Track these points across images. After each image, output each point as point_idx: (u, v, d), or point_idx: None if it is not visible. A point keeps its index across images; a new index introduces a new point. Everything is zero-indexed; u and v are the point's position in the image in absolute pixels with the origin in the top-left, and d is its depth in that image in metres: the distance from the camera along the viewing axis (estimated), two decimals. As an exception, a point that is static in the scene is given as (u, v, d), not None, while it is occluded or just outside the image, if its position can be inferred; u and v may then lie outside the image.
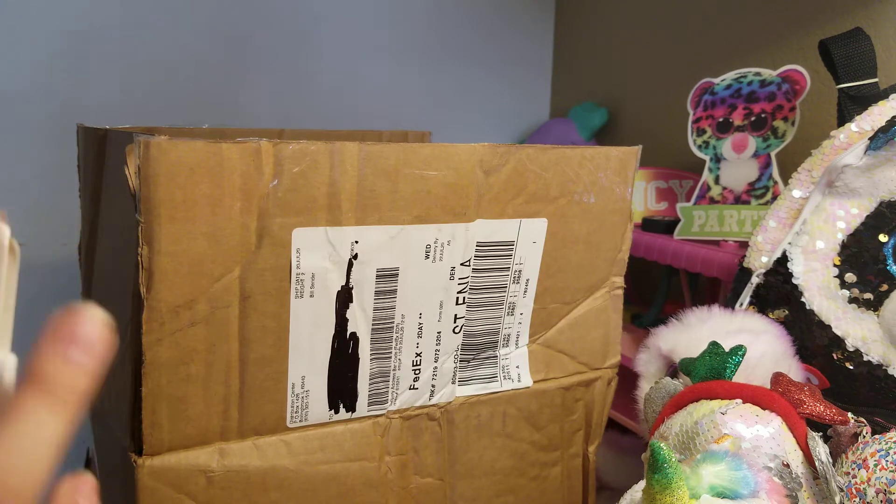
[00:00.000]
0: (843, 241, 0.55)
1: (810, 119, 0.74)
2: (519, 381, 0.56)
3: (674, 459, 0.35)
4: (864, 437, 0.44)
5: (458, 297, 0.51)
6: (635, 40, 1.04)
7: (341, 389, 0.48)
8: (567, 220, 0.54)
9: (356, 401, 0.49)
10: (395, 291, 0.48)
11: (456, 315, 0.51)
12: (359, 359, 0.48)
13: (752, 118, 0.75)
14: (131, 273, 0.41)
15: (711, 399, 0.44)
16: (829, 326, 0.53)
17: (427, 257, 0.48)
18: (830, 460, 0.39)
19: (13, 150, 0.85)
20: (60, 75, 0.86)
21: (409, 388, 0.51)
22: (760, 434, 0.40)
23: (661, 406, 0.48)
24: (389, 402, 0.51)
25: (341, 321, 0.47)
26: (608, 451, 0.76)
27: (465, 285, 0.51)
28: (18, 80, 0.84)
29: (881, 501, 0.39)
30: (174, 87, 0.92)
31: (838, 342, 0.52)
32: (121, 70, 0.88)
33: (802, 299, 0.55)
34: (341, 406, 0.49)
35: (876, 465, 0.41)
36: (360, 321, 0.47)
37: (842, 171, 0.54)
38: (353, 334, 0.47)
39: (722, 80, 0.79)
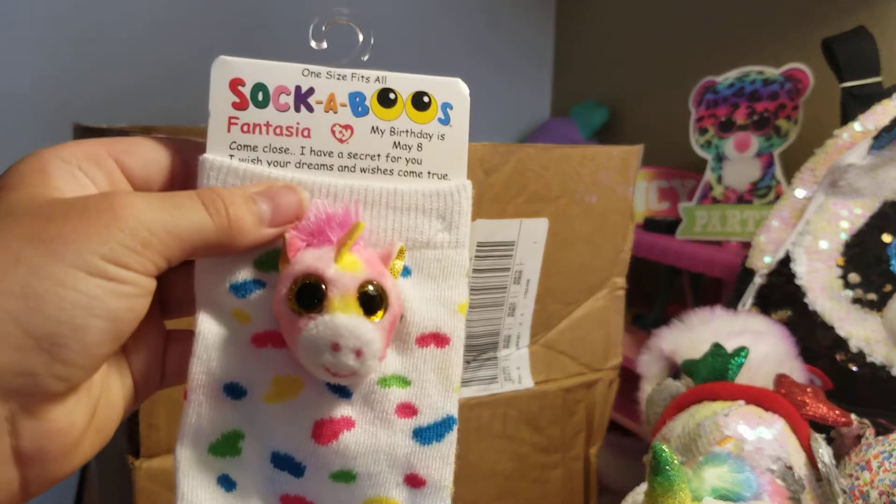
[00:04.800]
0: (846, 241, 0.54)
1: (813, 118, 0.74)
2: (519, 382, 0.56)
3: (676, 462, 0.34)
4: (868, 438, 0.43)
5: (458, 298, 0.50)
6: (636, 39, 1.04)
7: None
8: (568, 219, 0.54)
9: (355, 402, 0.49)
10: (394, 292, 0.47)
11: (456, 316, 0.51)
12: (358, 360, 0.48)
13: (755, 117, 0.75)
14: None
15: (714, 401, 0.43)
16: (832, 327, 0.52)
17: (427, 258, 0.48)
18: (834, 462, 0.39)
19: (12, 150, 0.84)
20: (60, 75, 0.85)
21: (409, 390, 0.51)
22: (763, 436, 0.40)
23: (662, 408, 0.47)
24: (389, 404, 0.50)
25: (340, 322, 0.46)
26: (609, 454, 0.75)
27: (465, 286, 0.50)
28: (17, 79, 0.84)
29: (884, 503, 0.39)
30: (173, 86, 0.92)
31: (841, 343, 0.52)
32: (120, 69, 0.88)
33: (806, 300, 0.54)
34: (340, 407, 0.48)
35: (879, 467, 0.40)
36: (359, 322, 0.47)
37: (845, 170, 0.54)
38: (353, 335, 0.47)
39: (724, 79, 0.78)
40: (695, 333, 0.52)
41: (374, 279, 0.24)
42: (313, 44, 0.27)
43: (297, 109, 0.26)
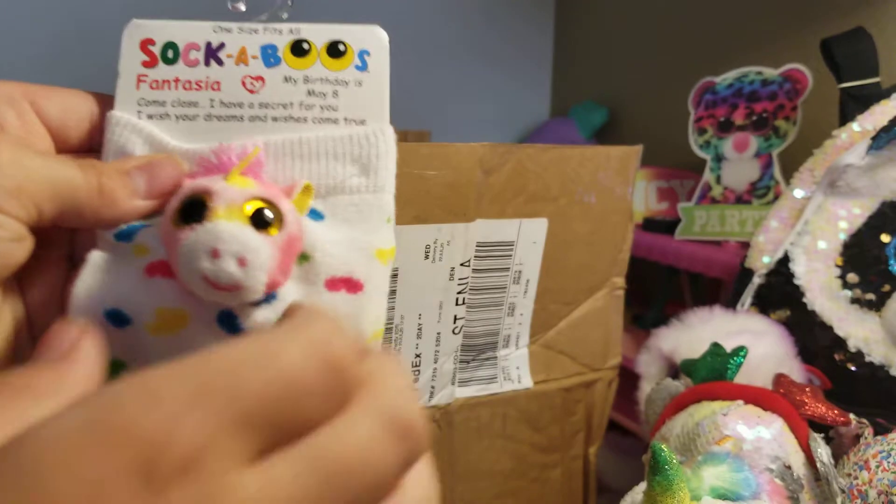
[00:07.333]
0: (845, 241, 0.54)
1: (812, 118, 0.74)
2: (519, 382, 0.56)
3: (675, 461, 0.35)
4: (866, 438, 0.44)
5: (457, 298, 0.51)
6: (636, 39, 1.04)
7: (340, 390, 0.48)
8: (567, 220, 0.54)
9: (355, 402, 0.49)
10: (394, 292, 0.48)
11: (455, 316, 0.51)
12: (358, 359, 0.48)
13: (754, 117, 0.75)
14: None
15: (713, 400, 0.43)
16: (830, 327, 0.52)
17: (427, 258, 0.48)
18: (832, 462, 0.39)
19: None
20: (60, 74, 0.85)
21: (409, 389, 0.51)
22: (762, 435, 0.40)
23: (661, 407, 0.47)
24: (389, 403, 0.50)
25: (340, 322, 0.46)
26: (609, 453, 0.75)
27: (464, 286, 0.50)
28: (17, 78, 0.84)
29: (883, 503, 0.39)
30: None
31: (840, 343, 0.52)
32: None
33: (804, 300, 0.54)
34: (340, 407, 0.48)
35: (878, 467, 0.40)
36: (359, 322, 0.47)
37: (844, 170, 0.54)
38: (352, 335, 0.47)
39: (723, 80, 0.79)
40: (694, 333, 0.52)
41: (267, 197, 0.23)
42: (229, 5, 0.28)
43: (207, 64, 0.26)
